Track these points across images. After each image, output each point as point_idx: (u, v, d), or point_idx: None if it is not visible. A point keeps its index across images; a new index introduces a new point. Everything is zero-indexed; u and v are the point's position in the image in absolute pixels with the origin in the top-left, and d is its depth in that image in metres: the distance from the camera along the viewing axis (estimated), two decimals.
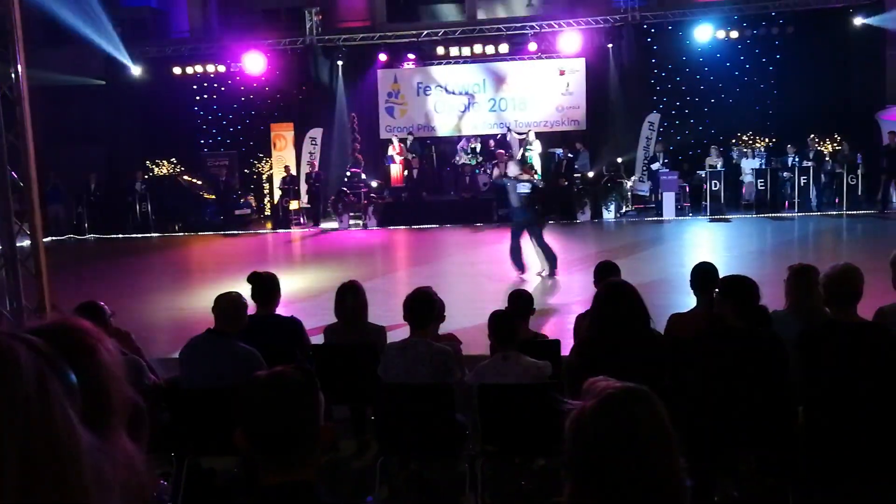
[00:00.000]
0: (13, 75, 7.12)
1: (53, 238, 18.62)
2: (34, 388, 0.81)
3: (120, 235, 20.50)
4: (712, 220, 17.43)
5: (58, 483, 0.80)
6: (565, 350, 5.23)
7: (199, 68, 22.08)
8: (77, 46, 20.19)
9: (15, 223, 7.45)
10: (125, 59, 21.14)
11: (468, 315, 8.29)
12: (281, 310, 5.53)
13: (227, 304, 4.71)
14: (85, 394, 0.88)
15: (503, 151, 20.18)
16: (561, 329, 6.82)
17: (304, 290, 10.99)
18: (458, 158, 20.77)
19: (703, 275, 4.97)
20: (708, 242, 15.09)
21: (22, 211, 7.51)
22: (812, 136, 18.48)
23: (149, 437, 1.74)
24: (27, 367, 0.81)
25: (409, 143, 20.86)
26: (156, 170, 22.30)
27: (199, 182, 21.71)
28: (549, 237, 16.24)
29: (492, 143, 20.91)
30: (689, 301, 5.31)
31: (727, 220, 17.32)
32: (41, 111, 7.64)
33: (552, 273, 11.21)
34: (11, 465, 0.77)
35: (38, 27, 19.69)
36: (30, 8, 7.32)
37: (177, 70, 22.09)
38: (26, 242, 7.63)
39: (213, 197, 20.96)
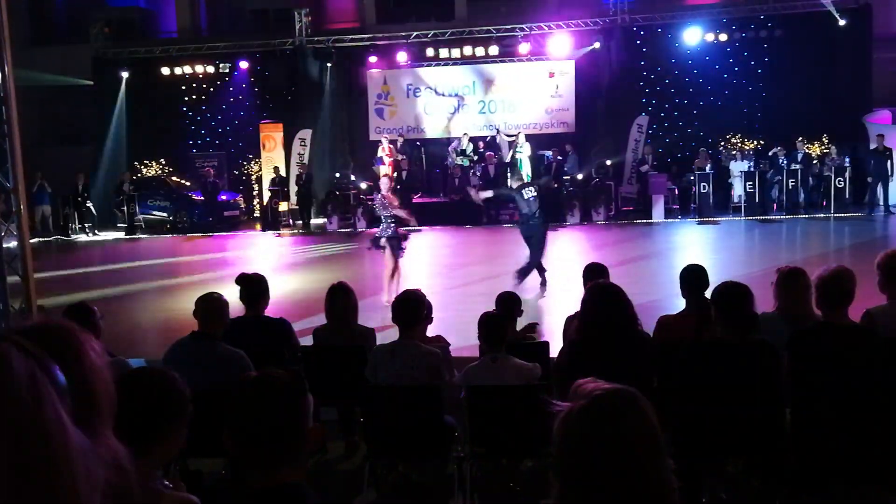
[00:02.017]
0: (0, 75, 7.08)
1: (40, 239, 18.51)
2: (26, 389, 0.81)
3: (108, 237, 20.40)
4: (700, 223, 17.50)
5: (50, 483, 0.80)
6: (554, 352, 5.24)
7: (187, 69, 22.00)
8: (65, 46, 20.13)
9: (1, 224, 7.41)
10: None
11: (457, 317, 8.29)
12: (270, 311, 5.51)
13: (209, 306, 4.68)
14: (72, 394, 0.88)
15: (492, 153, 20.22)
16: (550, 331, 6.83)
17: (293, 291, 10.97)
18: (449, 160, 20.75)
19: (692, 277, 4.97)
20: (696, 244, 15.15)
21: (8, 212, 7.47)
22: (800, 138, 18.59)
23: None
24: (19, 368, 0.81)
25: (398, 144, 20.85)
26: (144, 170, 22.21)
27: (188, 183, 21.64)
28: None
29: (481, 144, 20.93)
30: (678, 303, 5.32)
31: (715, 223, 17.40)
32: (29, 111, 7.60)
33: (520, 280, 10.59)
34: (4, 466, 0.77)
35: (25, 25, 19.60)
36: (16, 5, 7.26)
37: (165, 70, 22.01)
38: (13, 243, 7.58)
39: (202, 198, 20.89)
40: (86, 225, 20.95)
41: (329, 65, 21.65)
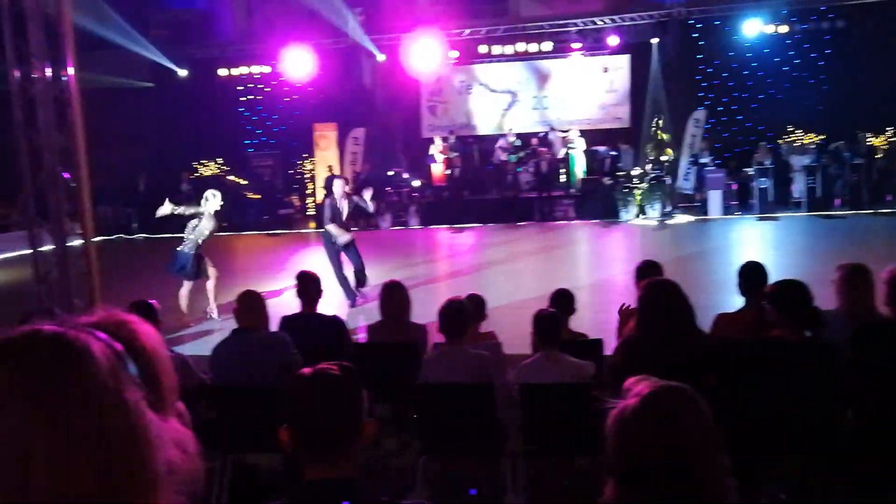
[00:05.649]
0: (64, 78, 7.28)
1: (103, 237, 19.00)
2: (109, 378, 0.84)
3: (168, 235, 20.85)
4: (760, 219, 17.13)
5: (133, 462, 0.83)
6: (607, 349, 5.19)
7: (243, 69, 22.38)
8: (125, 50, 20.66)
9: (67, 223, 7.61)
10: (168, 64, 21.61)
11: (510, 313, 8.27)
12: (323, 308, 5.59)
13: (245, 302, 4.83)
14: (141, 382, 0.91)
15: (546, 149, 20.11)
16: (602, 329, 6.78)
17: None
18: (497, 156, 20.70)
19: (751, 274, 4.87)
20: (756, 241, 14.85)
21: (73, 211, 7.67)
22: (863, 132, 18.07)
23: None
24: (101, 358, 0.84)
25: (450, 141, 20.89)
26: (202, 170, 22.65)
27: (245, 182, 22.01)
28: (592, 236, 16.15)
29: (534, 141, 20.84)
30: (736, 301, 5.22)
31: (776, 219, 17.01)
32: (91, 113, 7.82)
33: (360, 288, 10.21)
34: (91, 447, 0.80)
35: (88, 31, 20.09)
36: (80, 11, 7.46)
37: (222, 71, 22.41)
38: (78, 242, 7.79)
39: (259, 196, 21.21)
40: (147, 223, 21.42)
41: (382, 63, 21.78)
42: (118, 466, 0.82)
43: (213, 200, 9.56)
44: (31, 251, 7.62)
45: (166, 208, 9.50)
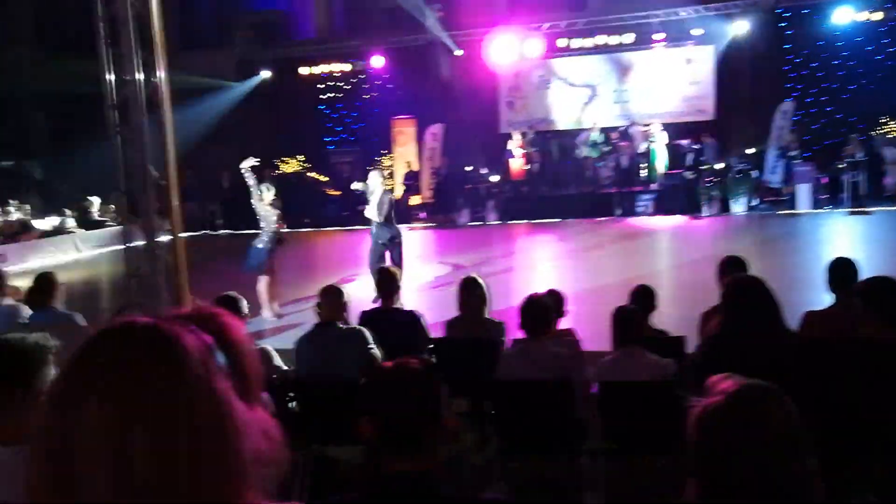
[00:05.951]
0: (155, 80, 7.54)
1: (189, 233, 19.61)
2: (200, 368, 0.87)
3: (252, 231, 21.37)
4: (851, 213, 16.48)
5: (222, 447, 0.86)
6: (689, 347, 5.09)
7: (324, 68, 22.77)
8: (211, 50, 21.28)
9: (156, 220, 7.88)
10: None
11: (590, 310, 8.19)
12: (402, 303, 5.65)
13: (326, 296, 4.96)
14: (229, 372, 0.95)
15: (626, 143, 19.80)
16: (684, 326, 6.65)
17: (424, 283, 11.14)
18: (578, 152, 20.50)
19: (841, 271, 4.71)
20: (846, 236, 14.30)
21: (162, 208, 7.93)
22: None
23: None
24: (192, 349, 0.88)
25: (529, 136, 20.77)
26: (284, 167, 23.13)
27: (326, 178, 22.38)
28: (674, 231, 15.85)
29: (615, 135, 20.54)
30: (825, 299, 5.05)
31: (868, 213, 16.33)
32: (179, 112, 8.08)
33: None
34: (183, 442, 0.84)
35: (175, 31, 20.77)
36: (167, 13, 7.72)
37: (303, 70, 22.84)
38: (166, 238, 8.06)
39: (340, 193, 21.55)
40: (231, 220, 22.02)
41: (460, 59, 21.82)
42: (209, 454, 0.85)
43: (266, 192, 10.57)
44: (124, 247, 7.93)
45: (249, 161, 10.57)
